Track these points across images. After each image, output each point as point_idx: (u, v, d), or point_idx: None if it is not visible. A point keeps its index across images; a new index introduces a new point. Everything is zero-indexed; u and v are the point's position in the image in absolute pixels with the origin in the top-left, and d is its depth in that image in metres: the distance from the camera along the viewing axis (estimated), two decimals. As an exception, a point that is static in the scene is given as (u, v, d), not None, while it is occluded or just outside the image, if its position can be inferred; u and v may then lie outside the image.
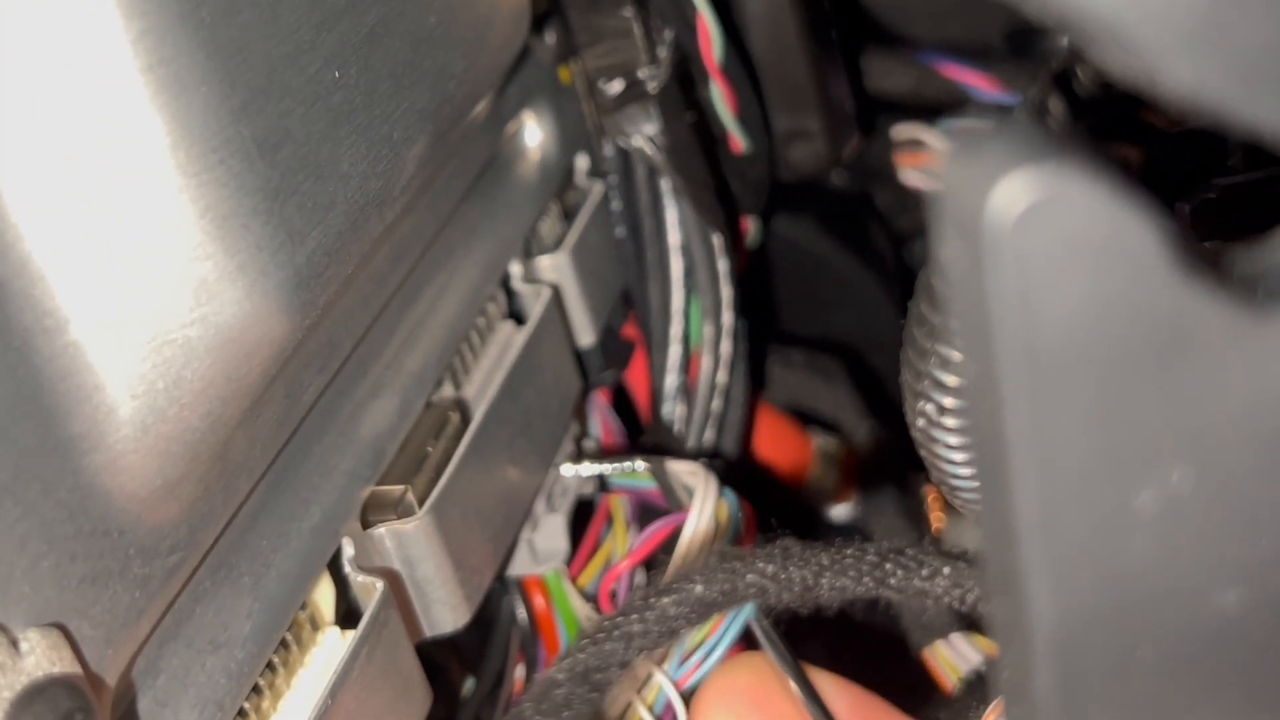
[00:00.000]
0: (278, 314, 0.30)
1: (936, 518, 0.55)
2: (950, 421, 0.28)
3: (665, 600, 0.33)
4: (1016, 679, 0.20)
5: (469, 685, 0.44)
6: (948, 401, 0.27)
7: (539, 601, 0.43)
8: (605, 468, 0.44)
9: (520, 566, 0.44)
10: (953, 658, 0.44)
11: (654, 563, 0.41)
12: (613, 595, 0.41)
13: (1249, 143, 0.34)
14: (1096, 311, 0.17)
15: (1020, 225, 0.17)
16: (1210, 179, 0.36)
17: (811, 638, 0.54)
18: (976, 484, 0.20)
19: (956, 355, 0.27)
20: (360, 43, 0.33)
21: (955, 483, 0.29)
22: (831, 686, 0.36)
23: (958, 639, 0.44)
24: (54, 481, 0.26)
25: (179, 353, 0.28)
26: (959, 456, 0.28)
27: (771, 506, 0.56)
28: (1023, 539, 0.19)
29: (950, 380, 0.27)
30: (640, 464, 0.44)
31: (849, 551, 0.33)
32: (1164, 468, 0.18)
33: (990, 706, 0.33)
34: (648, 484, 0.44)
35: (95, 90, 0.26)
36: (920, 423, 0.28)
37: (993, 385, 0.18)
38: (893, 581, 0.33)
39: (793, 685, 0.35)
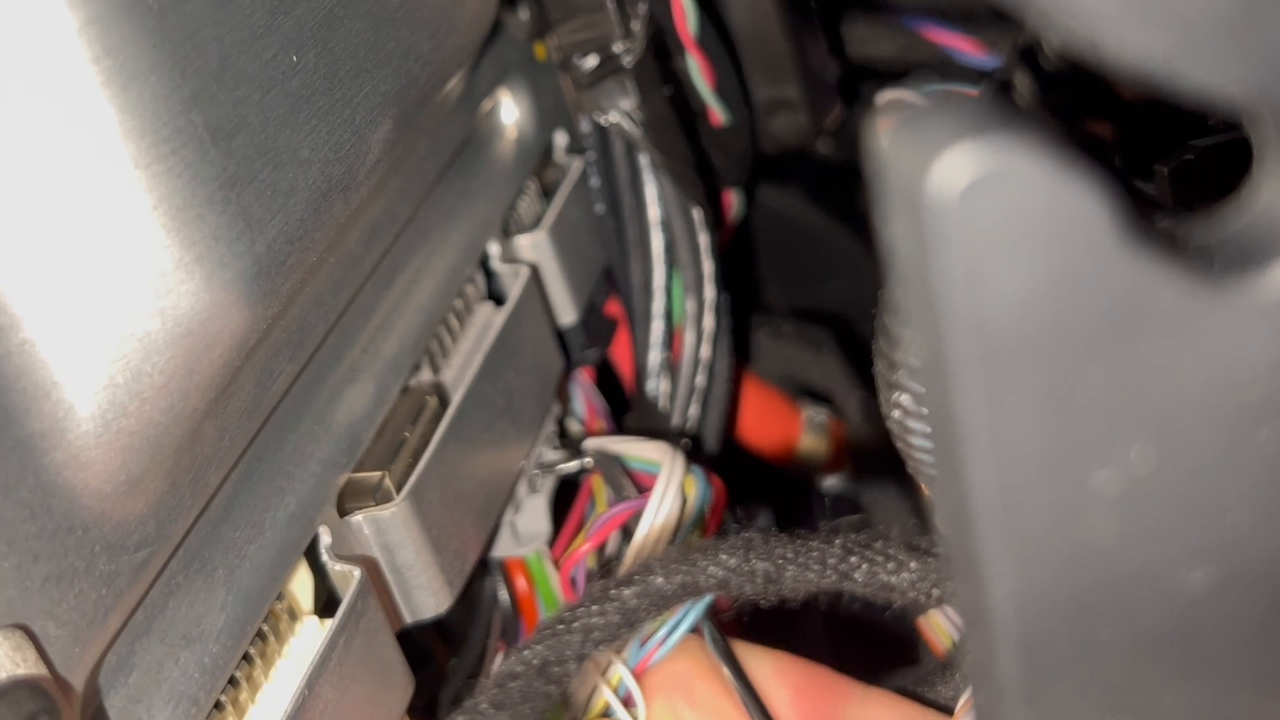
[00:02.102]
0: (239, 304, 0.29)
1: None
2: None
3: (626, 592, 0.33)
4: (981, 663, 0.20)
5: (454, 667, 0.43)
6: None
7: (521, 583, 0.43)
8: (560, 468, 0.44)
9: (502, 548, 0.43)
10: (946, 625, 0.44)
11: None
12: (573, 581, 0.41)
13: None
14: (1047, 288, 0.17)
15: (965, 200, 0.16)
16: (1189, 141, 0.35)
17: (807, 604, 0.54)
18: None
19: None
20: (318, 26, 0.32)
21: (933, 474, 0.28)
22: (777, 666, 0.36)
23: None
24: (13, 481, 0.25)
25: (138, 346, 0.27)
26: None
27: (762, 479, 0.56)
28: (980, 522, 0.18)
29: None
30: (589, 460, 0.43)
31: (814, 544, 0.33)
32: (1122, 446, 0.18)
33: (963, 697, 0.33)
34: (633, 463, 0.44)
35: (41, 83, 0.25)
36: (895, 414, 0.28)
37: (943, 366, 0.17)
38: (857, 575, 0.32)
39: (725, 671, 0.35)
